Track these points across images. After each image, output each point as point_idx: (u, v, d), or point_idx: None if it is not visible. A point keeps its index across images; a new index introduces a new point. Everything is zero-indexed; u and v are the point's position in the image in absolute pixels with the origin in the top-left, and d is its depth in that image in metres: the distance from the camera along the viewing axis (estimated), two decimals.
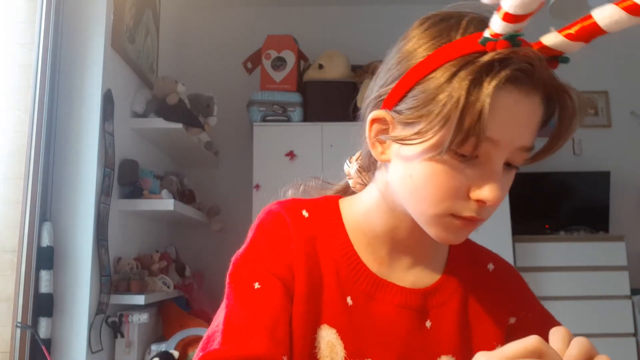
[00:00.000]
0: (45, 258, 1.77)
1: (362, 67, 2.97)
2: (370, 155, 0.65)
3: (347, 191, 0.76)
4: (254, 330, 0.58)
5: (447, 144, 0.52)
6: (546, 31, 0.52)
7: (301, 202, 0.69)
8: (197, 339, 2.06)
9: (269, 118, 2.79)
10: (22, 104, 1.86)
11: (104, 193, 1.95)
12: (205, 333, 0.62)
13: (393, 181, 0.62)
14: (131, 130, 2.27)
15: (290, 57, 2.88)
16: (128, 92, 2.25)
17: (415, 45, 0.57)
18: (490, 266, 0.72)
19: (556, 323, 0.68)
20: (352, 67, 2.93)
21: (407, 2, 3.14)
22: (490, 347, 0.65)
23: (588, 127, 3.36)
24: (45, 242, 1.78)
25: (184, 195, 2.63)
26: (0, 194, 1.82)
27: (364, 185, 0.71)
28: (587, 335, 0.44)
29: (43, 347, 1.69)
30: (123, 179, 2.10)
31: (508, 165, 0.57)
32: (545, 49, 0.52)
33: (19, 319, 1.70)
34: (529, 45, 0.52)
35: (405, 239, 0.67)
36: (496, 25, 0.50)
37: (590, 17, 0.48)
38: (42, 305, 1.75)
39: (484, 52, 0.51)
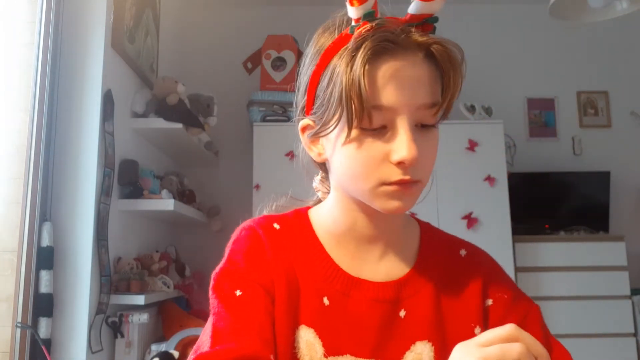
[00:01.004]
0: (45, 258, 1.77)
1: None
2: (318, 162, 0.72)
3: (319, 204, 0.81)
4: (243, 332, 0.61)
5: (347, 125, 0.59)
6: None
7: (272, 217, 0.74)
8: (197, 339, 2.06)
9: (269, 118, 2.79)
10: (22, 104, 1.86)
11: (104, 193, 1.95)
12: (196, 343, 0.64)
13: (334, 177, 0.69)
14: (131, 130, 2.27)
15: (290, 57, 2.88)
16: (128, 92, 2.25)
17: (312, 57, 0.67)
18: (463, 252, 0.75)
19: (532, 304, 0.71)
20: None
21: (407, 2, 3.14)
22: (467, 330, 0.69)
23: (588, 127, 3.37)
24: (45, 242, 1.78)
25: (184, 195, 2.63)
26: (0, 194, 1.82)
27: (329, 192, 0.76)
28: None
29: (43, 347, 1.69)
30: (123, 179, 2.10)
31: (423, 126, 0.62)
32: (413, 17, 0.59)
33: (19, 319, 1.70)
34: (395, 19, 0.59)
35: (368, 229, 0.70)
36: (352, 13, 0.58)
37: None
38: (42, 305, 1.75)
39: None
